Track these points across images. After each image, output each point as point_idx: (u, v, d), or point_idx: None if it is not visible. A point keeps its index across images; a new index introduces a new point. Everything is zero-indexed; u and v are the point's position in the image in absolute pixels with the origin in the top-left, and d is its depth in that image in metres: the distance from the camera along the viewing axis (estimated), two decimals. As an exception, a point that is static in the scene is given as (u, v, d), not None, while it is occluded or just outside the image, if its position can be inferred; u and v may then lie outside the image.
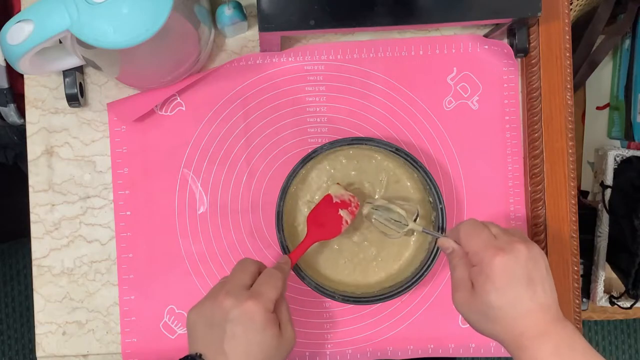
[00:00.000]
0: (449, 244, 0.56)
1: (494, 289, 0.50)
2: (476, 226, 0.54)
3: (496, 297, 0.50)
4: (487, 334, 0.53)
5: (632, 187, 0.84)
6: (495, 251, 0.51)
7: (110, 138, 0.68)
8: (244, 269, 0.55)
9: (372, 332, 0.68)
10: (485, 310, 0.51)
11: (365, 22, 0.58)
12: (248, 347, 0.50)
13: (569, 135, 0.65)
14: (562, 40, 0.65)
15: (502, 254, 0.50)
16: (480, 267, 0.51)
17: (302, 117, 0.68)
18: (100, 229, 0.68)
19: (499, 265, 0.50)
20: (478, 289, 0.51)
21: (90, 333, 0.68)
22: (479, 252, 0.52)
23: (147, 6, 0.50)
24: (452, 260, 0.55)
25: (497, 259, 0.50)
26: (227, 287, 0.53)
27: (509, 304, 0.50)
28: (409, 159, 0.63)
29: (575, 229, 0.66)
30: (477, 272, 0.52)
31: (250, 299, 0.51)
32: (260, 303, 0.51)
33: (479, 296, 0.51)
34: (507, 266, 0.50)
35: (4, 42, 0.51)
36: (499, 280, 0.50)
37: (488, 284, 0.50)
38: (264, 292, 0.52)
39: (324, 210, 0.63)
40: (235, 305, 0.51)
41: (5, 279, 1.46)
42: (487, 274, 0.50)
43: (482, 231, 0.53)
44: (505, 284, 0.50)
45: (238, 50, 0.68)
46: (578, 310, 0.66)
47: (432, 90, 0.68)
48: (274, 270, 0.55)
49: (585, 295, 0.90)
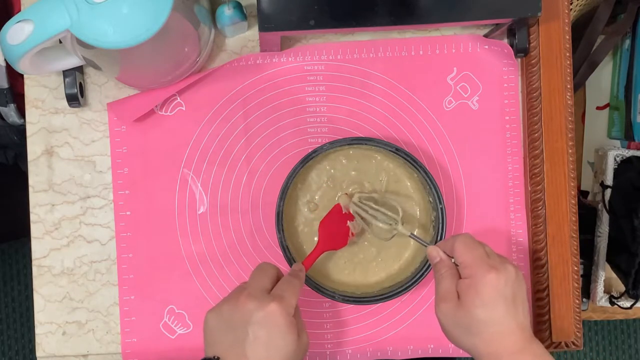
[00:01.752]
0: (437, 253, 0.57)
1: (482, 303, 0.52)
2: (473, 241, 0.55)
3: (483, 312, 0.52)
4: (464, 346, 0.54)
5: (632, 187, 0.84)
6: (489, 268, 0.52)
7: (110, 138, 0.68)
8: (264, 272, 0.55)
9: (372, 332, 0.68)
10: (469, 323, 0.52)
11: (365, 22, 0.58)
12: (269, 351, 0.50)
13: (568, 135, 0.65)
14: (562, 40, 0.65)
15: (495, 272, 0.52)
16: (471, 280, 0.53)
17: (302, 117, 0.68)
18: (100, 229, 0.68)
19: (490, 283, 0.52)
20: (466, 302, 0.53)
21: (90, 333, 0.68)
22: (472, 266, 0.53)
23: (147, 6, 0.50)
24: (440, 270, 0.56)
25: (489, 275, 0.52)
26: (249, 289, 0.52)
27: (493, 320, 0.52)
28: (409, 159, 0.63)
29: (575, 229, 0.66)
30: (467, 285, 0.53)
31: (274, 301, 0.51)
32: (283, 306, 0.51)
33: (466, 309, 0.52)
34: (498, 284, 0.52)
35: (4, 42, 0.51)
36: (487, 296, 0.52)
37: (477, 298, 0.52)
38: (286, 297, 0.52)
39: (335, 219, 0.63)
40: (258, 307, 0.50)
41: (5, 279, 1.46)
42: (478, 289, 0.52)
43: (477, 247, 0.55)
44: (493, 301, 0.52)
45: (238, 50, 0.68)
46: (578, 310, 0.66)
47: (432, 90, 0.68)
48: (292, 278, 0.56)
49: (585, 295, 0.90)
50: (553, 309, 0.65)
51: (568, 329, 0.65)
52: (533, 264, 0.67)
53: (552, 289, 0.65)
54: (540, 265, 0.66)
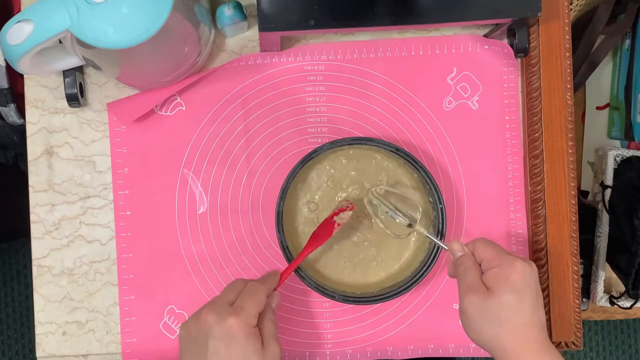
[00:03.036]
0: (460, 247, 0.58)
1: (513, 289, 0.53)
2: (491, 241, 0.57)
3: (514, 298, 0.52)
4: (487, 339, 0.54)
5: (632, 187, 0.84)
6: (515, 257, 0.55)
7: (110, 138, 0.68)
8: (231, 288, 0.57)
9: (372, 332, 0.68)
10: (497, 311, 0.53)
11: (365, 22, 0.58)
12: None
13: (568, 135, 0.65)
14: (562, 40, 0.65)
15: (521, 260, 0.54)
16: (499, 269, 0.54)
17: (302, 117, 0.68)
18: (100, 229, 0.68)
19: (519, 269, 0.53)
20: (496, 290, 0.53)
21: (90, 333, 0.68)
22: (498, 258, 0.55)
23: (147, 6, 0.50)
24: (465, 263, 0.56)
25: (518, 262, 0.54)
26: (211, 304, 0.54)
27: (522, 309, 0.53)
28: (409, 159, 0.63)
29: (575, 229, 0.66)
30: (495, 274, 0.54)
31: (232, 315, 0.52)
32: (242, 318, 0.52)
33: (496, 296, 0.53)
34: (525, 272, 0.54)
35: (4, 42, 0.51)
36: (518, 283, 0.53)
37: (508, 285, 0.53)
38: (245, 307, 0.53)
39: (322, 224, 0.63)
40: (216, 321, 0.52)
41: (5, 279, 1.46)
42: (508, 276, 0.53)
43: (497, 245, 0.57)
44: (522, 287, 0.53)
45: (238, 50, 0.68)
46: (578, 310, 0.66)
47: (432, 90, 0.68)
48: (256, 284, 0.56)
49: (585, 295, 0.90)
50: (553, 309, 0.65)
51: (568, 329, 0.65)
52: (533, 264, 0.68)
53: (552, 289, 0.65)
54: (540, 265, 0.66)
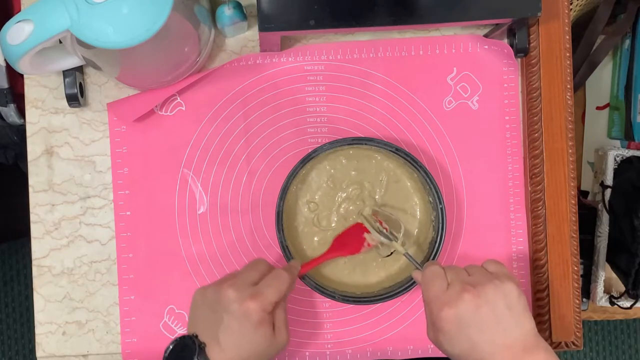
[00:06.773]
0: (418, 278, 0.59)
1: (446, 340, 0.53)
2: (433, 275, 0.55)
3: (450, 348, 0.53)
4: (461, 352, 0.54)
5: (632, 187, 0.84)
6: (441, 305, 0.52)
7: (110, 138, 0.68)
8: (254, 266, 0.57)
9: (372, 332, 0.68)
10: (451, 354, 0.54)
11: (365, 22, 0.58)
12: (240, 341, 0.53)
13: (569, 135, 0.65)
14: (562, 40, 0.65)
15: (447, 308, 0.52)
16: (431, 318, 0.54)
17: (302, 117, 0.68)
18: (100, 229, 0.68)
19: (446, 318, 0.52)
20: (437, 338, 0.54)
21: (90, 333, 0.68)
22: (430, 304, 0.54)
23: (147, 6, 0.50)
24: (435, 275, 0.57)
25: (442, 313, 0.52)
26: (234, 279, 0.54)
27: (465, 350, 0.52)
28: (409, 159, 0.63)
29: (575, 229, 0.66)
30: (432, 322, 0.54)
31: (252, 298, 0.52)
32: (259, 303, 0.52)
33: (441, 348, 0.54)
34: (456, 317, 0.52)
35: (4, 42, 0.51)
36: (449, 332, 0.52)
37: (440, 335, 0.53)
38: (265, 293, 0.53)
39: (352, 232, 0.64)
40: (236, 299, 0.52)
41: (5, 279, 1.46)
42: (439, 327, 0.53)
43: (436, 281, 0.54)
44: (456, 334, 0.52)
45: (238, 50, 0.68)
46: (578, 310, 0.66)
47: (432, 90, 0.68)
48: (282, 272, 0.56)
49: (585, 295, 0.90)
50: (553, 309, 0.65)
51: (568, 329, 0.65)
52: (533, 264, 0.67)
53: (552, 289, 0.65)
54: (540, 265, 0.66)
